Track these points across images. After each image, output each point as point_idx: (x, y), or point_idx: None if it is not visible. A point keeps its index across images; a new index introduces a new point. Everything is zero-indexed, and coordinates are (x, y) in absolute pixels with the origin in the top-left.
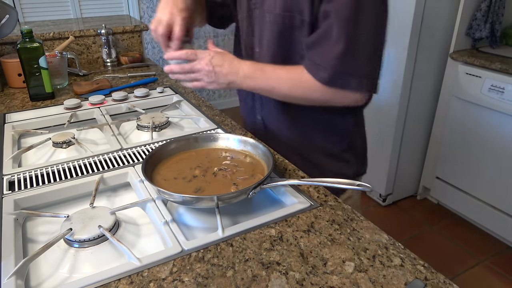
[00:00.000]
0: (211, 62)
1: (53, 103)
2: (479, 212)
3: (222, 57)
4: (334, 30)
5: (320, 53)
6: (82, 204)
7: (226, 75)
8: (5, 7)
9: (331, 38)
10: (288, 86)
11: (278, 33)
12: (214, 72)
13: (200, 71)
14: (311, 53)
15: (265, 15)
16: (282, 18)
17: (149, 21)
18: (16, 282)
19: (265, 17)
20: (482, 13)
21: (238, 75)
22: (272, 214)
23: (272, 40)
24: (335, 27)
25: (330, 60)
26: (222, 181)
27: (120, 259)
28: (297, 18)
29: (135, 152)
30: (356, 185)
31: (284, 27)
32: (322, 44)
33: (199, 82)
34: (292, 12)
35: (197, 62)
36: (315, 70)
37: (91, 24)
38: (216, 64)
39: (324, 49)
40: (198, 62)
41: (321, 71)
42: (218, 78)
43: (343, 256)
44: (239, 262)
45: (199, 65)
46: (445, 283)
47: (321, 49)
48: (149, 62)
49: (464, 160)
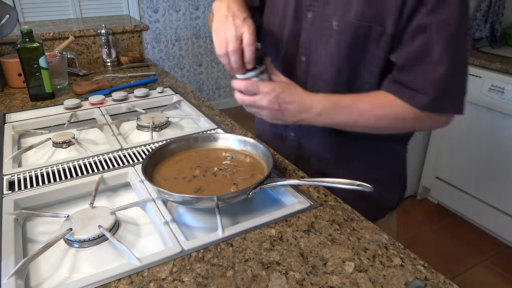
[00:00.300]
0: (278, 99)
1: (53, 103)
2: (479, 212)
3: (289, 92)
4: (435, 48)
5: (416, 75)
6: (82, 204)
7: (296, 114)
8: (5, 7)
9: (431, 57)
10: (373, 119)
11: (347, 45)
12: (281, 111)
13: (263, 109)
14: (404, 76)
15: (328, 21)
16: (356, 27)
17: (149, 21)
18: (16, 282)
19: (326, 24)
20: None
21: (311, 112)
22: (272, 214)
23: (337, 52)
24: (437, 44)
25: (431, 84)
26: (222, 181)
27: (120, 259)
28: (376, 29)
29: (135, 152)
30: (356, 185)
31: (356, 38)
32: (419, 65)
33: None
34: (371, 22)
35: (259, 97)
36: (410, 96)
37: (91, 24)
38: (284, 101)
39: (422, 71)
40: (261, 98)
41: (418, 96)
42: (285, 116)
43: (343, 256)
44: (239, 262)
45: (262, 102)
46: (445, 283)
47: (418, 71)
48: (149, 62)
49: (464, 160)
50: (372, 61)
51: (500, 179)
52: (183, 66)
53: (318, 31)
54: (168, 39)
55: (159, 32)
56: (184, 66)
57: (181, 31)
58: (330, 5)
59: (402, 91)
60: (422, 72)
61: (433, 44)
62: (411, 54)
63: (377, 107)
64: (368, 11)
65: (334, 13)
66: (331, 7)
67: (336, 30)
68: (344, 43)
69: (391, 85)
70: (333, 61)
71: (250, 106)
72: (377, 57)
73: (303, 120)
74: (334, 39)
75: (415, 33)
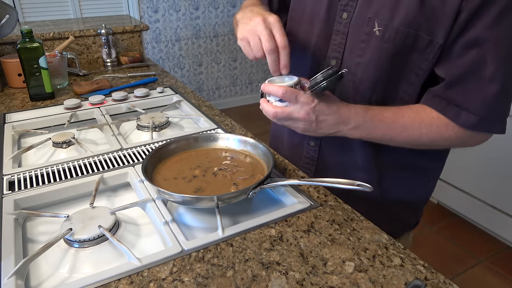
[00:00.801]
0: (315, 110)
1: (53, 103)
2: (479, 212)
3: (327, 102)
4: (489, 65)
5: (465, 93)
6: (82, 204)
7: (333, 126)
8: (5, 7)
9: (483, 75)
10: (413, 136)
11: (390, 54)
12: (317, 122)
13: (298, 121)
14: (451, 93)
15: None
16: (403, 35)
17: (149, 21)
18: (16, 282)
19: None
20: None
21: (348, 125)
22: (272, 214)
23: (377, 61)
24: (491, 61)
25: (481, 103)
26: (222, 181)
27: (120, 259)
28: (424, 38)
29: (135, 152)
30: (356, 185)
31: (400, 47)
32: (469, 82)
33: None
34: (419, 30)
35: (296, 109)
36: (456, 114)
37: (91, 24)
38: (321, 113)
39: (472, 88)
40: (298, 110)
41: (464, 115)
42: (320, 128)
43: (343, 256)
44: (239, 262)
45: (299, 114)
46: (445, 283)
47: (468, 88)
48: (149, 62)
49: (464, 160)
50: (415, 71)
51: (500, 179)
52: (183, 66)
53: (354, 34)
54: (168, 39)
55: (159, 32)
56: (184, 66)
57: (181, 31)
58: (372, 5)
59: (447, 108)
60: (473, 90)
61: (487, 60)
62: (461, 69)
63: (419, 124)
64: (418, 17)
65: (377, 16)
66: (373, 8)
67: (378, 36)
68: (387, 51)
69: (434, 99)
70: (370, 70)
71: (285, 119)
72: (420, 68)
73: (339, 133)
74: (374, 46)
75: (467, 47)
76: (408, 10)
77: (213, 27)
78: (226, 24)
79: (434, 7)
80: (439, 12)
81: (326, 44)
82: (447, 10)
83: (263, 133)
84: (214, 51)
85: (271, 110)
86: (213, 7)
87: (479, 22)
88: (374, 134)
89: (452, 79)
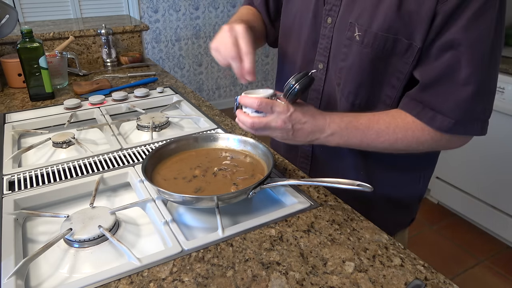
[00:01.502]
0: (291, 119)
1: (53, 103)
2: (479, 212)
3: (302, 111)
4: (463, 67)
5: (440, 95)
6: (82, 204)
7: (309, 134)
8: (5, 7)
9: (457, 78)
10: (389, 141)
11: (370, 59)
12: (293, 131)
13: (276, 130)
14: (426, 96)
15: (350, 30)
16: (382, 40)
17: (149, 21)
18: (16, 282)
19: (347, 33)
20: None
21: (324, 132)
22: (272, 214)
23: (358, 65)
24: (466, 64)
25: (455, 106)
26: (222, 181)
27: (120, 259)
28: (403, 42)
29: (135, 152)
30: (356, 185)
31: (380, 51)
32: (443, 85)
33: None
34: (397, 34)
35: (273, 118)
36: (431, 117)
37: (91, 24)
38: (297, 121)
39: (446, 91)
40: (275, 119)
41: (439, 118)
42: (297, 137)
43: (343, 256)
44: (239, 262)
45: (276, 123)
46: (445, 283)
47: (443, 91)
48: (149, 62)
49: (464, 160)
50: (396, 75)
51: (500, 179)
52: (183, 66)
53: (337, 39)
54: (168, 39)
55: (159, 32)
56: (184, 66)
57: (181, 31)
58: (353, 11)
59: (423, 112)
60: (447, 93)
61: (462, 63)
62: (436, 72)
63: (394, 129)
64: (396, 22)
65: (357, 21)
66: (354, 13)
67: (359, 41)
68: (367, 56)
69: (411, 104)
70: (352, 74)
71: (263, 129)
72: (401, 72)
73: (316, 140)
74: (355, 50)
75: (443, 50)
76: (386, 15)
77: (213, 27)
78: None
79: (411, 11)
80: (416, 16)
81: (314, 48)
82: (423, 14)
83: None
84: None
85: (249, 121)
86: (213, 7)
87: (453, 25)
88: (351, 141)
89: (426, 82)
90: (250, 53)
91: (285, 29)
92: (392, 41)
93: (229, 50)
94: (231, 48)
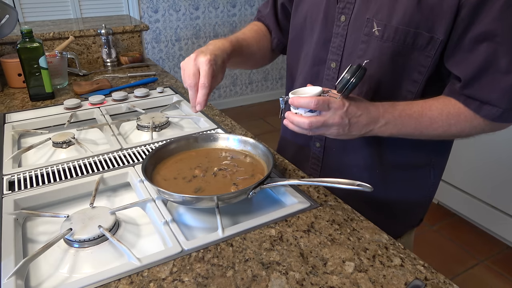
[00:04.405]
0: (347, 113)
1: (53, 103)
2: (479, 212)
3: (356, 104)
4: (501, 57)
5: (482, 87)
6: (82, 204)
7: (363, 126)
8: (5, 7)
9: (497, 67)
10: (443, 128)
11: (390, 53)
12: (349, 125)
13: (332, 126)
14: (471, 90)
15: (367, 26)
16: (403, 34)
17: (149, 21)
18: (16, 282)
19: (364, 29)
20: None
21: (378, 123)
22: (272, 214)
23: (378, 61)
24: (503, 54)
25: (502, 96)
26: (222, 181)
27: (120, 259)
28: (424, 35)
29: (135, 152)
30: (356, 185)
31: (401, 46)
32: (485, 76)
33: None
34: (418, 28)
35: (330, 116)
36: (478, 107)
37: (91, 24)
38: (353, 115)
39: (489, 83)
40: (332, 116)
41: (488, 107)
42: (352, 131)
43: (343, 256)
44: (239, 262)
45: (333, 120)
46: (445, 283)
47: (485, 83)
48: (149, 62)
49: (464, 160)
50: (417, 69)
51: (500, 179)
52: None
53: (352, 36)
54: (168, 39)
55: (159, 32)
56: None
57: (181, 31)
58: (370, 7)
59: (468, 101)
60: (491, 83)
61: (500, 52)
62: (475, 65)
63: (447, 115)
64: (417, 15)
65: (376, 17)
66: (371, 10)
67: (378, 36)
68: (387, 50)
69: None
70: (372, 70)
71: (320, 128)
72: (423, 65)
73: (370, 132)
74: (374, 46)
75: (477, 41)
76: (406, 9)
77: (213, 27)
78: (226, 24)
79: (432, 4)
80: (438, 9)
81: (325, 48)
82: (446, 6)
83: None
84: None
85: (306, 122)
86: (213, 7)
87: (484, 16)
88: (405, 129)
89: (469, 79)
90: (205, 87)
91: (294, 32)
92: (412, 35)
93: (189, 78)
94: (191, 77)
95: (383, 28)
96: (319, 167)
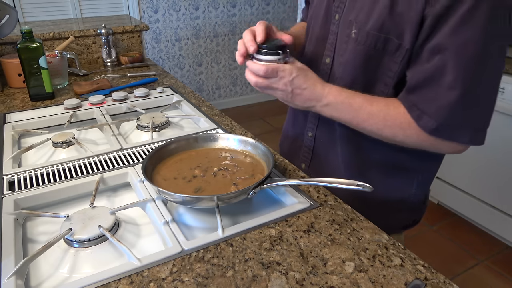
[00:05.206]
0: (292, 83)
1: (53, 103)
2: (479, 212)
3: (304, 78)
4: (448, 72)
5: (425, 97)
6: (82, 204)
7: (306, 100)
8: (5, 7)
9: (442, 81)
10: (377, 126)
11: (362, 55)
12: (292, 94)
13: (277, 90)
14: (414, 96)
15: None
16: (374, 38)
17: (149, 21)
18: (16, 282)
19: (346, 30)
20: None
21: (320, 102)
22: (272, 214)
23: (353, 61)
24: (451, 68)
25: (438, 109)
26: (222, 181)
27: (120, 259)
28: (393, 41)
29: (135, 152)
30: (356, 185)
31: (372, 49)
32: (430, 87)
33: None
34: (389, 34)
35: (275, 80)
36: (417, 115)
37: (91, 24)
38: (297, 87)
39: (431, 94)
40: (277, 81)
41: (425, 118)
42: (295, 100)
43: (343, 256)
44: (239, 262)
45: (277, 85)
46: (445, 283)
47: (428, 93)
48: (149, 62)
49: (464, 160)
50: (387, 73)
51: (500, 179)
52: (183, 66)
53: (340, 35)
54: (168, 39)
55: (159, 32)
56: (184, 66)
57: (181, 31)
58: (353, 11)
59: (411, 108)
60: (432, 95)
61: (448, 67)
62: (423, 74)
63: (385, 115)
64: (388, 23)
65: (355, 20)
66: (354, 13)
67: (354, 38)
68: (360, 53)
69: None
70: (347, 70)
71: (265, 88)
72: (391, 70)
73: (312, 108)
74: (351, 47)
75: (432, 53)
76: (380, 14)
77: (213, 27)
78: (226, 24)
79: (402, 12)
80: (406, 17)
81: (323, 44)
82: (412, 16)
83: (263, 133)
84: (214, 51)
85: (253, 80)
86: (213, 7)
87: (441, 29)
88: (344, 116)
89: (415, 84)
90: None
91: (306, 27)
92: (383, 40)
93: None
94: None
95: (358, 31)
96: (310, 155)
